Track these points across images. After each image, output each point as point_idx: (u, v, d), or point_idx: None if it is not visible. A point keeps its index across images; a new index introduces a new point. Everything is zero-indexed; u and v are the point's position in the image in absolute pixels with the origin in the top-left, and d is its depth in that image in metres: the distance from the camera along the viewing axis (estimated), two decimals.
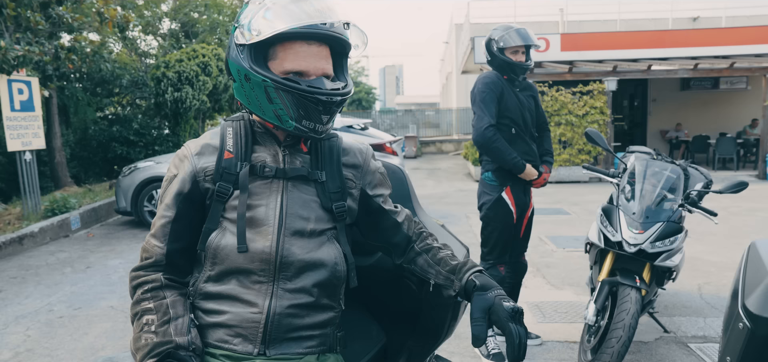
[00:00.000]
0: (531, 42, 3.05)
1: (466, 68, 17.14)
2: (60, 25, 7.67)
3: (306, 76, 1.21)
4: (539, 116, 3.30)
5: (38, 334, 3.70)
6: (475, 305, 1.19)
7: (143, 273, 1.24)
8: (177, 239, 1.24)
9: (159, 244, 1.24)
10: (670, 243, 2.78)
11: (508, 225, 3.13)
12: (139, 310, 1.20)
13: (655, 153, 3.25)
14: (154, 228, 1.26)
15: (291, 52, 1.20)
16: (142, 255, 1.26)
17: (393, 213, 1.41)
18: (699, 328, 3.54)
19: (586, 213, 7.88)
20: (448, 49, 30.96)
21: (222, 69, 12.57)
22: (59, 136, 10.18)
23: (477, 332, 1.15)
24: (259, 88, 1.19)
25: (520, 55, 3.07)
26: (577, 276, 4.73)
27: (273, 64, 1.21)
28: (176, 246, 1.24)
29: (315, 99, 1.19)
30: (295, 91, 1.18)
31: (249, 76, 1.19)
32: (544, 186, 3.25)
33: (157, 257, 1.24)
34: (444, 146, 22.20)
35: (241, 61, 1.20)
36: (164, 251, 1.23)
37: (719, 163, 13.62)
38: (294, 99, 1.19)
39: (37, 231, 6.45)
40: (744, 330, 1.31)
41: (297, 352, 1.24)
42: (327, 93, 1.20)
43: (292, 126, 1.21)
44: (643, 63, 12.60)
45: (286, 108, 1.20)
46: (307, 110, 1.20)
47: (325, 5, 1.19)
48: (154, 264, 1.24)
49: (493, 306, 1.18)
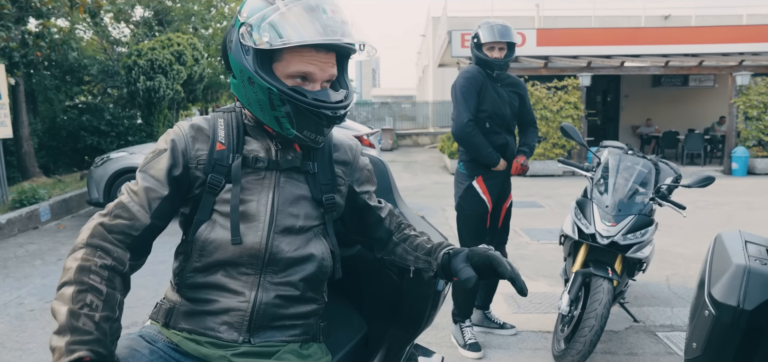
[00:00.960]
0: (507, 38, 3.03)
1: (443, 61, 17.24)
2: (27, 9, 7.46)
3: (312, 79, 1.19)
4: (526, 113, 3.31)
5: (8, 328, 3.63)
6: (455, 263, 1.23)
7: (111, 239, 1.13)
8: (160, 217, 1.19)
9: (144, 211, 1.16)
10: (641, 235, 2.87)
11: (480, 215, 3.15)
12: (87, 283, 1.05)
13: (628, 148, 3.34)
14: (139, 197, 1.17)
15: (298, 56, 1.16)
16: (115, 211, 1.15)
17: (377, 210, 1.43)
18: (666, 317, 3.66)
19: (559, 207, 8.02)
20: (424, 42, 31.03)
21: (197, 58, 12.39)
22: (27, 125, 9.91)
23: (465, 275, 1.18)
24: (263, 93, 1.16)
25: (496, 51, 3.06)
26: (551, 268, 4.83)
27: (278, 65, 1.18)
28: (159, 223, 1.19)
29: (320, 113, 1.18)
30: (302, 105, 1.16)
31: (253, 79, 1.16)
32: (522, 174, 3.28)
33: (138, 223, 1.15)
34: (420, 139, 22.29)
35: (245, 62, 1.16)
36: (148, 223, 1.16)
37: (687, 159, 14.00)
38: (299, 111, 1.17)
39: (4, 222, 6.29)
40: (710, 317, 1.37)
41: (281, 340, 1.25)
42: (332, 106, 1.19)
43: (292, 134, 1.20)
44: (617, 59, 12.85)
45: (288, 117, 1.17)
46: (309, 122, 1.18)
47: (340, 19, 1.16)
48: (129, 230, 1.14)
49: (469, 253, 1.23)
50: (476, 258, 1.21)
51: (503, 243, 3.37)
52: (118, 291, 1.10)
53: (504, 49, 3.07)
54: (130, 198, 1.18)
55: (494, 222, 3.28)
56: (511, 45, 3.08)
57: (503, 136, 3.15)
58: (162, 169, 1.20)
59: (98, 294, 1.05)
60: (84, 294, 1.03)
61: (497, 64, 3.06)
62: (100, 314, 1.03)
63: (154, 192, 1.18)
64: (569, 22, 17.81)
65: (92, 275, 1.06)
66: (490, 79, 3.11)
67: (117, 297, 1.09)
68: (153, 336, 1.23)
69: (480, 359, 3.08)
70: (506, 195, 3.28)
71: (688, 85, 16.56)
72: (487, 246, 1.23)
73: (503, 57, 3.07)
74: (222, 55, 1.25)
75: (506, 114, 3.14)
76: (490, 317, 3.45)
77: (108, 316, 1.04)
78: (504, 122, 3.15)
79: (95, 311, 1.03)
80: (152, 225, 1.18)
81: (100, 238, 1.12)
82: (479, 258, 1.21)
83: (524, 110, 3.30)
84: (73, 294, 1.03)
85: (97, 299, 1.04)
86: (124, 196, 1.18)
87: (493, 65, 3.06)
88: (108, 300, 1.06)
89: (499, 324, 3.41)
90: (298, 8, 1.13)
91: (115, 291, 1.09)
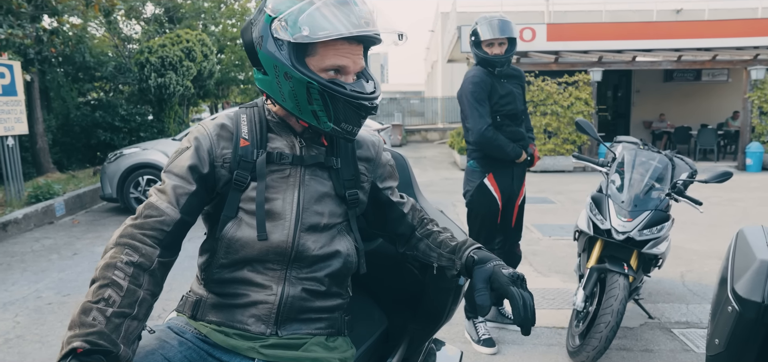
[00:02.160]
0: (507, 34, 2.94)
1: (452, 57, 17.16)
2: (43, 7, 7.53)
3: (345, 72, 1.20)
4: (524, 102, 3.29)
5: (27, 320, 3.68)
6: (476, 277, 1.22)
7: (141, 235, 1.13)
8: (189, 213, 1.19)
9: (173, 207, 1.16)
10: (657, 230, 2.85)
11: (492, 212, 3.13)
12: (109, 279, 1.05)
13: (642, 143, 3.32)
14: (166, 194, 1.17)
15: (332, 49, 1.17)
16: (145, 211, 1.16)
17: (400, 205, 1.44)
18: (682, 314, 3.64)
19: (570, 202, 7.99)
20: (433, 37, 30.93)
21: (206, 54, 12.44)
22: (41, 122, 10.01)
23: (481, 301, 1.18)
24: (301, 87, 1.16)
25: (496, 47, 2.97)
26: (563, 263, 4.82)
27: (312, 60, 1.18)
28: (188, 219, 1.19)
29: (359, 104, 1.19)
30: (341, 96, 1.17)
31: (290, 74, 1.16)
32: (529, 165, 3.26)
33: (168, 218, 1.15)
34: (429, 135, 22.25)
35: (280, 56, 1.16)
36: (178, 218, 1.17)
37: (700, 154, 13.88)
38: (338, 103, 1.18)
39: (21, 217, 6.37)
40: (733, 313, 1.37)
41: (307, 333, 1.27)
42: (369, 97, 1.21)
43: (329, 127, 1.20)
44: (628, 54, 12.75)
45: (326, 110, 1.18)
46: (348, 114, 1.20)
47: (368, 10, 1.18)
48: (159, 226, 1.14)
49: (492, 274, 1.20)
50: (496, 285, 1.19)
51: (516, 241, 3.34)
52: (144, 289, 1.08)
53: (504, 44, 2.98)
54: (158, 197, 1.18)
55: (507, 220, 3.25)
56: (511, 40, 2.99)
57: (515, 129, 3.13)
58: (187, 166, 1.20)
59: (118, 290, 1.04)
60: (104, 289, 1.04)
61: (498, 61, 2.99)
62: (115, 310, 1.02)
63: (181, 189, 1.19)
64: (580, 17, 17.69)
65: (116, 271, 1.06)
66: (494, 76, 3.06)
67: (139, 295, 1.07)
68: (181, 328, 1.25)
69: (494, 354, 3.08)
70: (518, 191, 3.23)
71: (701, 79, 16.40)
72: (512, 273, 1.19)
73: (504, 52, 2.99)
74: (246, 51, 1.24)
75: (517, 108, 3.11)
76: (504, 313, 3.45)
77: (124, 313, 1.03)
78: (516, 116, 3.12)
79: (110, 306, 1.02)
80: (182, 221, 1.18)
81: (128, 237, 1.12)
82: (500, 287, 1.18)
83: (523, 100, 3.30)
84: (94, 289, 1.04)
85: (116, 294, 1.04)
86: (152, 197, 1.19)
87: (495, 63, 3.00)
88: (127, 296, 1.05)
89: (511, 320, 3.40)
90: (332, 1, 1.14)
91: (139, 289, 1.07)
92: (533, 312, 1.14)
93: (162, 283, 1.16)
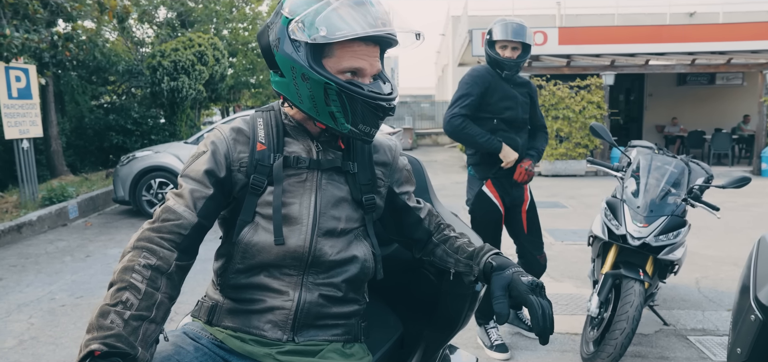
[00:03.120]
0: (521, 38, 2.88)
1: (463, 60, 17.13)
2: (58, 12, 7.62)
3: (361, 73, 1.20)
4: (536, 117, 3.19)
5: (41, 322, 3.71)
6: (494, 284, 1.20)
7: (159, 239, 1.12)
8: (207, 216, 1.18)
9: (191, 210, 1.16)
10: (673, 236, 2.82)
11: (495, 219, 3.05)
12: (127, 282, 1.04)
13: (657, 147, 3.29)
14: (184, 198, 1.17)
15: (349, 51, 1.17)
16: (162, 215, 1.15)
17: (417, 210, 1.43)
18: (697, 321, 3.59)
19: (582, 207, 7.93)
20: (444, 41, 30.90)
21: (218, 58, 12.52)
22: (55, 125, 10.12)
23: (499, 309, 1.16)
24: (318, 88, 1.16)
25: (509, 50, 2.92)
26: (576, 269, 4.77)
27: (329, 61, 1.17)
28: (205, 222, 1.18)
29: (376, 104, 1.18)
30: (359, 97, 1.16)
31: (307, 75, 1.15)
32: (527, 182, 3.07)
33: (186, 222, 1.15)
34: (440, 138, 22.21)
35: (297, 58, 1.15)
36: (196, 222, 1.16)
37: (714, 159, 13.72)
38: (356, 104, 1.17)
39: (35, 219, 6.43)
40: (756, 321, 1.34)
41: (324, 339, 1.26)
42: (387, 98, 1.20)
43: (347, 128, 1.20)
44: (641, 58, 12.65)
45: (344, 111, 1.17)
46: (365, 115, 1.19)
47: (384, 10, 1.18)
48: (177, 229, 1.14)
49: (511, 282, 1.19)
50: (515, 292, 1.18)
51: (537, 248, 3.18)
52: (161, 292, 1.08)
53: (517, 49, 2.93)
54: (176, 201, 1.18)
55: (518, 227, 3.17)
56: (525, 46, 2.93)
57: (512, 137, 3.01)
58: (203, 170, 1.19)
59: (136, 293, 1.04)
60: (121, 292, 1.03)
61: (507, 64, 2.93)
62: (133, 312, 1.01)
63: (198, 192, 1.18)
64: (592, 20, 17.58)
65: (134, 274, 1.06)
66: (501, 79, 3.00)
67: (156, 298, 1.06)
68: (197, 333, 1.24)
69: (507, 360, 3.05)
70: (520, 197, 3.13)
71: (715, 83, 16.21)
72: (532, 281, 1.18)
73: (516, 57, 2.93)
74: (263, 54, 1.24)
75: (518, 115, 3.02)
76: (521, 317, 3.40)
77: (141, 316, 1.02)
78: (515, 122, 3.03)
79: (128, 309, 1.01)
80: (199, 224, 1.17)
81: (146, 240, 1.12)
82: (519, 295, 1.17)
83: (535, 113, 3.18)
84: (112, 292, 1.04)
85: (134, 297, 1.03)
86: (169, 201, 1.18)
87: (504, 64, 2.93)
88: (145, 299, 1.04)
89: (528, 326, 3.36)
90: (349, 2, 1.14)
91: (156, 292, 1.07)
92: (552, 322, 1.13)
93: (179, 287, 1.15)
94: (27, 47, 6.63)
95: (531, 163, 3.05)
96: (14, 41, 6.27)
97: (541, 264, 3.17)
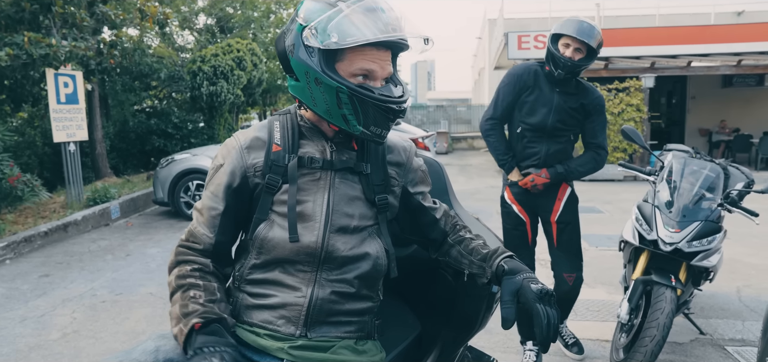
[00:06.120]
0: (587, 39, 2.63)
1: (499, 64, 16.97)
2: (104, 21, 7.93)
3: (373, 76, 1.23)
4: (590, 133, 2.89)
5: (83, 317, 3.87)
6: (504, 288, 1.22)
7: (191, 254, 1.28)
8: (224, 232, 1.29)
9: (208, 234, 1.28)
10: (707, 242, 2.73)
11: (517, 229, 2.95)
12: (186, 284, 1.22)
13: (694, 151, 3.19)
14: (203, 215, 1.29)
15: (360, 55, 1.21)
16: (190, 238, 1.30)
17: (432, 210, 1.45)
18: (737, 331, 3.47)
19: (619, 212, 7.74)
20: (480, 44, 30.69)
21: (256, 63, 12.77)
22: (100, 128, 10.52)
23: (505, 314, 1.18)
24: (331, 93, 1.20)
25: (571, 50, 2.68)
26: (610, 275, 4.67)
27: (341, 65, 1.21)
28: (223, 238, 1.29)
29: (387, 107, 1.22)
30: (370, 100, 1.20)
31: (321, 79, 1.20)
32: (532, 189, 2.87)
33: (205, 246, 1.28)
34: (475, 142, 22.04)
35: (311, 63, 1.20)
36: (213, 242, 1.28)
37: (762, 163, 13.16)
38: (367, 107, 1.21)
39: (80, 219, 6.71)
40: None
41: (336, 336, 1.29)
42: (397, 101, 1.24)
43: (359, 131, 1.24)
44: (683, 59, 12.27)
45: (356, 114, 1.22)
46: (377, 117, 1.23)
47: (395, 16, 1.21)
48: (201, 249, 1.28)
49: (521, 288, 1.21)
50: (523, 299, 1.21)
51: (566, 266, 2.91)
52: (214, 282, 1.26)
53: (581, 51, 2.68)
54: (197, 220, 1.31)
55: (549, 239, 2.97)
56: (590, 51, 2.68)
57: (536, 146, 2.85)
58: (220, 184, 1.29)
59: (197, 287, 1.22)
60: (187, 291, 1.21)
61: (563, 64, 2.68)
62: (204, 299, 1.20)
63: (213, 210, 1.29)
64: (631, 22, 17.16)
65: (188, 278, 1.24)
66: (550, 80, 2.80)
67: (214, 285, 1.25)
68: None
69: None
70: (549, 207, 2.92)
71: (764, 84, 15.55)
72: (541, 289, 1.19)
73: (577, 59, 2.69)
74: (280, 59, 1.29)
75: (546, 123, 2.80)
76: (563, 333, 3.24)
77: (211, 299, 1.21)
78: (543, 130, 2.82)
79: (199, 298, 1.20)
80: (217, 242, 1.29)
81: (182, 255, 1.29)
82: (526, 302, 1.20)
83: (590, 128, 2.88)
84: (180, 295, 1.22)
85: (198, 290, 1.22)
86: (192, 221, 1.32)
87: (559, 63, 2.69)
88: (207, 289, 1.23)
89: (566, 343, 3.20)
90: (360, 8, 1.18)
91: (211, 282, 1.25)
92: (556, 331, 1.17)
93: (225, 283, 1.33)
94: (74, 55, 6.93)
95: (545, 177, 2.83)
96: (62, 49, 6.57)
97: (567, 284, 2.91)
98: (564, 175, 2.86)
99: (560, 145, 2.88)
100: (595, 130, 2.88)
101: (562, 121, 2.82)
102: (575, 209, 2.99)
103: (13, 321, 3.80)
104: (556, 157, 2.87)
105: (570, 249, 2.95)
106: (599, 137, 2.89)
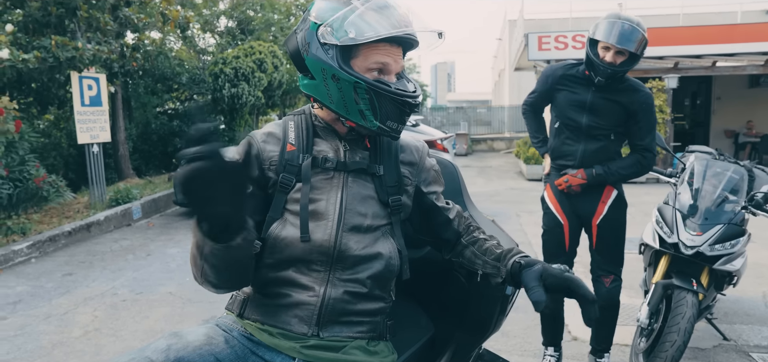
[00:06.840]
0: (623, 45, 2.49)
1: (519, 65, 16.84)
2: (126, 25, 8.08)
3: (387, 70, 1.27)
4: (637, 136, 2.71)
5: (104, 315, 3.94)
6: (526, 278, 1.22)
7: None
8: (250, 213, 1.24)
9: None
10: (730, 246, 2.67)
11: (553, 230, 2.81)
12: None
13: (718, 153, 3.12)
14: None
15: (374, 50, 1.24)
16: None
17: (445, 210, 1.45)
18: (763, 338, 3.38)
19: (641, 215, 7.58)
20: (500, 45, 30.52)
21: (277, 66, 12.87)
22: (123, 130, 10.70)
23: (535, 297, 1.17)
24: (348, 87, 1.23)
25: (611, 54, 2.53)
26: (631, 278, 4.59)
27: (356, 61, 1.24)
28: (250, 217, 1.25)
29: (403, 101, 1.25)
30: (387, 94, 1.24)
31: (338, 75, 1.22)
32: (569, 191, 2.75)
33: None
34: (495, 144, 21.91)
35: (327, 59, 1.23)
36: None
37: None
38: (384, 101, 1.24)
39: (102, 219, 6.83)
40: None
41: (348, 336, 1.29)
42: (412, 95, 1.27)
43: (375, 126, 1.26)
44: (708, 59, 12.03)
45: (372, 108, 1.24)
46: (393, 112, 1.26)
47: (405, 13, 1.26)
48: None
49: (543, 272, 1.21)
50: (550, 280, 1.20)
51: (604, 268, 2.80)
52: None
53: (623, 54, 2.53)
54: None
55: (589, 242, 2.85)
56: (632, 55, 2.54)
57: (573, 145, 2.75)
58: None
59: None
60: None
61: (603, 70, 2.54)
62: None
63: None
64: (654, 21, 16.86)
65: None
66: (579, 81, 2.70)
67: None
68: (229, 326, 1.30)
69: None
70: (589, 209, 2.78)
71: None
72: (562, 266, 1.22)
73: (618, 64, 2.54)
74: (292, 58, 1.31)
75: (581, 122, 2.69)
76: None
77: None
78: (578, 130, 2.72)
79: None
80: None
81: None
82: (554, 280, 1.20)
83: (635, 130, 2.70)
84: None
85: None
86: None
87: (598, 70, 2.55)
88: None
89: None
90: (373, 6, 1.23)
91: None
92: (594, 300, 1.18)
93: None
94: (98, 57, 7.07)
95: (582, 179, 2.70)
96: (86, 53, 6.70)
97: (604, 286, 2.79)
98: (603, 177, 2.70)
99: (599, 145, 2.71)
100: (641, 131, 2.70)
101: (596, 121, 2.68)
102: (622, 214, 2.84)
103: (38, 318, 3.89)
104: (595, 158, 2.71)
105: (607, 253, 2.81)
106: (646, 139, 2.70)
